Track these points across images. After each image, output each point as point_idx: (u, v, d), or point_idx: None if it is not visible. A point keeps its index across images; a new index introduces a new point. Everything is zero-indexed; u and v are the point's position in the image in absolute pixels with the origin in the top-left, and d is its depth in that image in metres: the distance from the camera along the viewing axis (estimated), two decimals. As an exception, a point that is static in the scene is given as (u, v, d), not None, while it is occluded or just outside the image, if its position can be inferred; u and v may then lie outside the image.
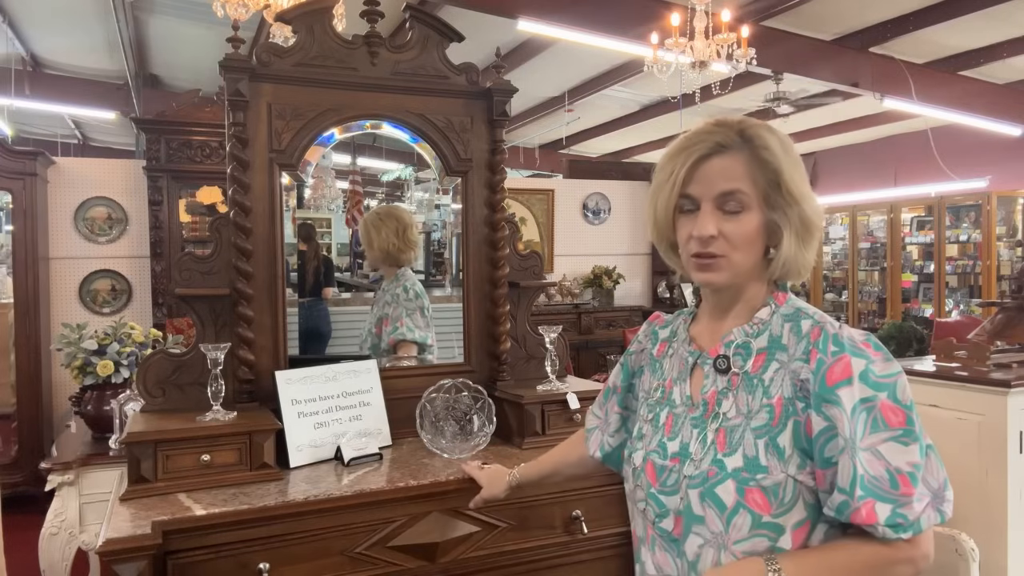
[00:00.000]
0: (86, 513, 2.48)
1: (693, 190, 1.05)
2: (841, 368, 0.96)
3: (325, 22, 2.00)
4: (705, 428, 1.04)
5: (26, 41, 6.38)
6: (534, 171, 9.97)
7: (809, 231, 1.05)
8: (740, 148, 1.04)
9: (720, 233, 1.03)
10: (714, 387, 1.07)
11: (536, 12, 4.65)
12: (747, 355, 1.05)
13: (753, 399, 1.02)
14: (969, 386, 2.60)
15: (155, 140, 4.49)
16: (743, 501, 0.98)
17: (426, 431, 1.91)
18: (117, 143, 9.96)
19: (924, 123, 7.32)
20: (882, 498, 0.92)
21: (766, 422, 1.00)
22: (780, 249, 1.04)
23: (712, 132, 1.05)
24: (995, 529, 2.49)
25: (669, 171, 1.06)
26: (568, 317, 5.83)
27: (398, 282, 2.51)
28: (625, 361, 1.29)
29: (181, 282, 1.87)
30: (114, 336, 2.67)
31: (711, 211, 1.03)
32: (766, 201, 1.03)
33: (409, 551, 1.65)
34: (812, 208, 1.05)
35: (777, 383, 1.01)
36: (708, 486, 1.00)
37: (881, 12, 5.35)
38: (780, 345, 1.04)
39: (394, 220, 2.49)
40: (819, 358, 0.97)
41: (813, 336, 1.00)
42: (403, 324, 2.40)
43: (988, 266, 6.59)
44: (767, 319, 1.07)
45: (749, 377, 1.04)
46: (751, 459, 0.99)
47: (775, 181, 1.03)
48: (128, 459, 1.63)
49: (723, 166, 1.03)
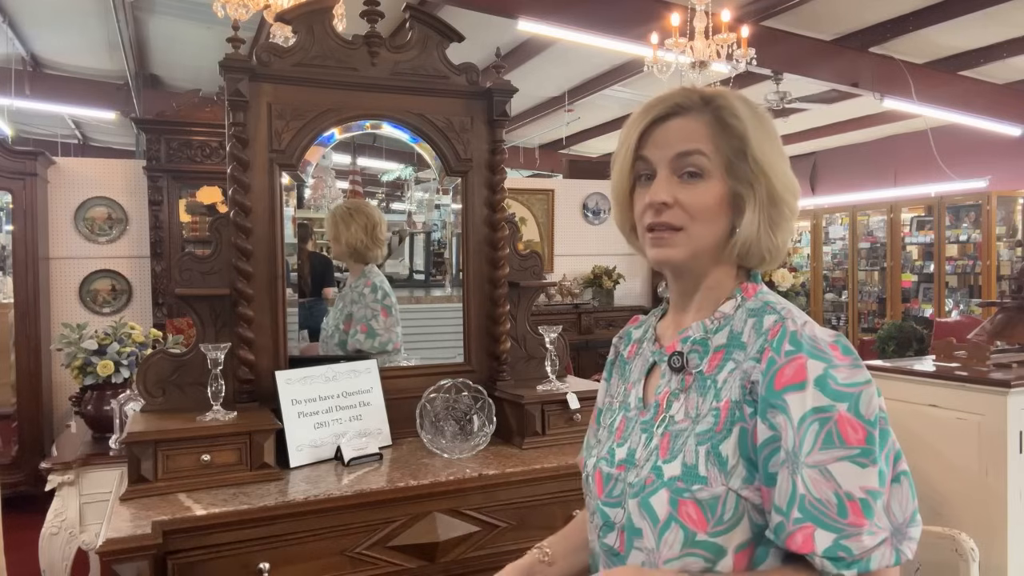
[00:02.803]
0: (86, 513, 2.48)
1: (648, 153, 0.95)
2: (794, 370, 0.84)
3: (325, 22, 2.00)
4: (652, 432, 0.94)
5: (26, 41, 6.38)
6: (534, 171, 9.97)
7: (778, 209, 0.93)
8: (702, 111, 0.94)
9: (676, 201, 0.92)
10: (667, 387, 0.96)
11: (536, 12, 4.65)
12: (704, 353, 0.94)
13: (704, 401, 0.91)
14: (969, 386, 2.60)
15: (155, 140, 4.50)
16: (675, 514, 0.86)
17: (426, 431, 1.91)
18: (117, 143, 9.96)
19: (924, 123, 7.32)
20: (824, 525, 0.79)
21: (710, 427, 0.88)
22: (742, 225, 0.92)
23: (673, 95, 0.96)
24: (995, 529, 2.49)
25: (626, 135, 0.98)
26: (568, 317, 5.83)
27: (365, 279, 2.45)
28: (607, 375, 1.16)
29: (181, 282, 1.87)
30: (114, 336, 2.67)
31: (667, 176, 0.93)
32: (729, 170, 0.92)
33: (409, 551, 1.65)
34: (783, 184, 0.93)
35: (729, 385, 0.89)
36: (644, 495, 0.90)
37: (881, 12, 5.35)
38: (739, 343, 0.92)
39: (364, 216, 2.42)
40: (770, 357, 0.86)
41: (771, 333, 0.88)
42: (364, 330, 2.37)
43: (988, 266, 6.59)
44: (730, 313, 0.95)
45: (703, 377, 0.93)
46: (689, 467, 0.87)
47: (740, 149, 0.92)
48: (128, 459, 1.64)
49: (681, 127, 0.93)
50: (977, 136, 7.23)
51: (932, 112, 6.47)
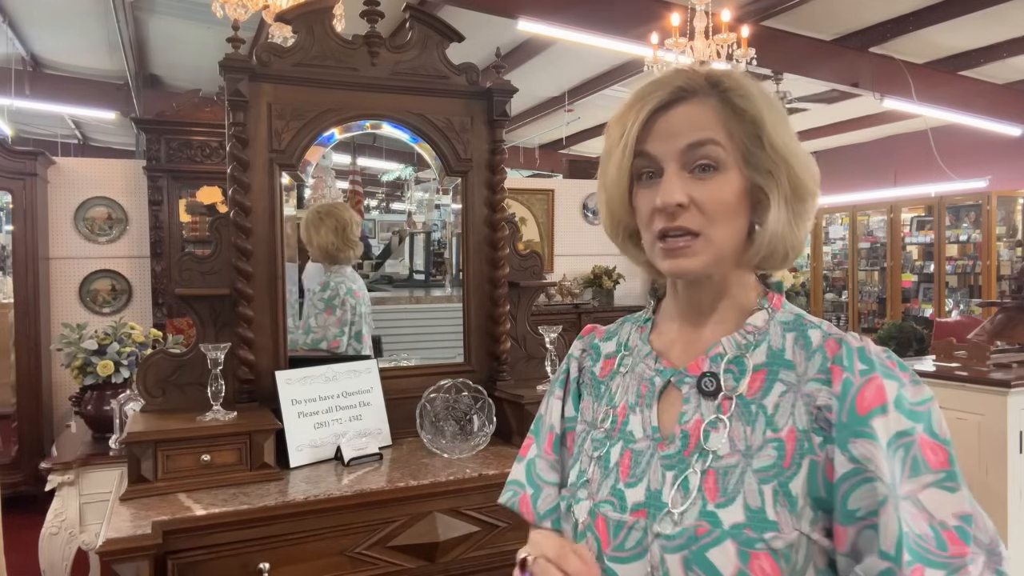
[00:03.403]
0: (86, 513, 2.48)
1: (652, 147, 0.81)
2: (873, 392, 0.73)
3: (325, 22, 2.00)
4: (686, 470, 0.79)
5: (26, 41, 6.38)
6: (534, 171, 9.97)
7: (801, 199, 0.82)
8: (708, 94, 0.82)
9: (692, 201, 0.79)
10: (698, 415, 0.81)
11: (536, 12, 4.65)
12: (740, 373, 0.81)
13: (753, 432, 0.78)
14: (969, 386, 2.61)
15: (155, 140, 4.50)
16: (746, 570, 0.73)
17: (426, 431, 1.91)
18: (117, 143, 9.96)
19: (924, 123, 7.32)
20: (931, 562, 0.70)
21: (774, 462, 0.76)
22: (766, 222, 0.81)
23: (674, 77, 0.83)
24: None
25: (621, 129, 0.83)
26: (568, 317, 5.82)
27: (330, 279, 2.50)
28: (573, 396, 0.97)
29: (181, 282, 1.87)
30: (114, 336, 2.67)
31: (677, 172, 0.80)
32: (746, 159, 0.80)
33: (409, 551, 1.65)
34: (804, 169, 0.82)
35: (785, 411, 0.77)
36: (697, 549, 0.75)
37: (881, 12, 5.35)
38: (784, 361, 0.80)
39: (333, 219, 2.47)
40: (846, 378, 0.75)
41: (830, 350, 0.78)
42: (302, 327, 2.39)
43: (988, 266, 6.59)
44: (762, 327, 0.83)
45: (746, 402, 0.80)
46: (755, 512, 0.74)
47: (755, 134, 0.80)
48: (128, 459, 1.64)
49: (689, 113, 0.81)
50: (977, 136, 7.24)
51: (932, 112, 6.47)
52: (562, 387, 0.98)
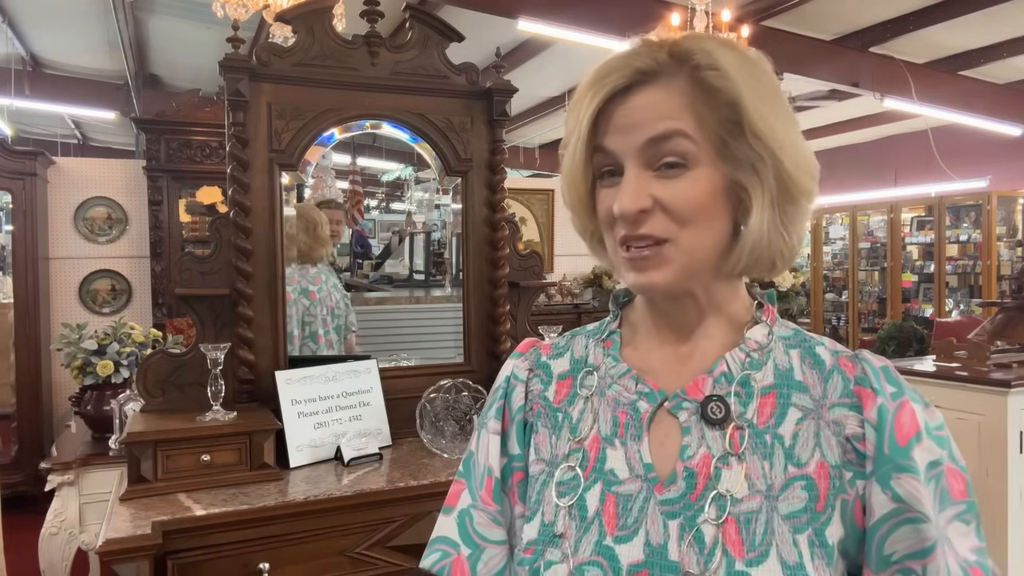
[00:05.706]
0: (86, 513, 2.48)
1: (610, 142, 0.68)
2: (909, 418, 0.65)
3: (325, 22, 2.00)
4: (696, 517, 0.65)
5: (26, 41, 6.38)
6: (534, 171, 9.97)
7: (792, 199, 0.67)
8: (673, 73, 0.66)
9: (656, 204, 0.65)
10: (705, 449, 0.67)
11: (536, 12, 4.65)
12: (748, 397, 0.68)
13: (772, 468, 0.65)
14: (969, 386, 2.61)
15: (155, 140, 4.49)
16: None
17: (426, 431, 1.91)
18: (117, 143, 9.96)
19: (924, 123, 7.32)
20: None
21: (804, 505, 0.64)
22: (748, 226, 0.67)
23: (632, 56, 0.68)
24: (995, 529, 2.49)
25: (575, 119, 0.71)
26: (568, 317, 5.82)
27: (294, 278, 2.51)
28: (516, 430, 0.78)
29: (181, 282, 1.87)
30: (114, 336, 2.67)
31: (637, 172, 0.66)
32: (722, 152, 0.66)
33: (409, 551, 1.65)
34: (796, 162, 0.66)
35: (806, 442, 0.66)
36: None
37: (881, 12, 5.35)
38: (795, 383, 0.69)
39: (304, 219, 2.51)
40: (881, 404, 0.65)
41: (848, 369, 0.68)
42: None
43: (988, 266, 6.59)
44: (764, 343, 0.71)
45: (758, 431, 0.67)
46: (793, 568, 0.62)
47: (733, 120, 0.65)
48: (128, 459, 1.64)
49: (650, 100, 0.66)
50: (977, 136, 7.24)
51: (932, 112, 6.47)
52: (499, 417, 0.78)
